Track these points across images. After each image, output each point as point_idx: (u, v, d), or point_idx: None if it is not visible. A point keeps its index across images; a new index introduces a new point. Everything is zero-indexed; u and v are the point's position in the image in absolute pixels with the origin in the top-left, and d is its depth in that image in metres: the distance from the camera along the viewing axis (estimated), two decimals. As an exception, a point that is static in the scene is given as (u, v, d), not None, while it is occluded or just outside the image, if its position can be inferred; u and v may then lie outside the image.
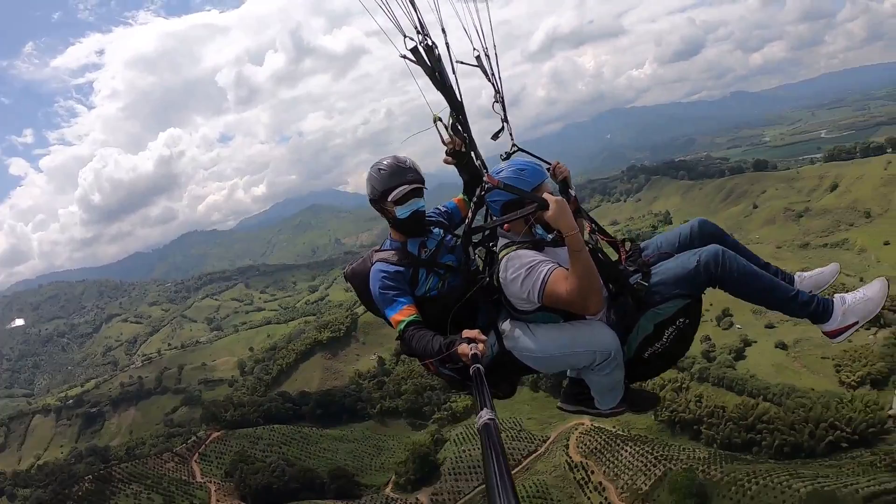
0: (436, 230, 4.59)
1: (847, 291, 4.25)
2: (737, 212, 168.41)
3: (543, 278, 3.78)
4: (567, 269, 3.74)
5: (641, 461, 67.84)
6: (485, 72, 4.67)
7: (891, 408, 72.10)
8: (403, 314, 4.04)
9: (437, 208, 4.89)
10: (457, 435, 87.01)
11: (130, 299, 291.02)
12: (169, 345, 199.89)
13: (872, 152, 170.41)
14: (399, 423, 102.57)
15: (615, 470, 68.26)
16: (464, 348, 3.39)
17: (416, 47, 3.94)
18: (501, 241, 4.19)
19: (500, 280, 4.03)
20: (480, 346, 3.37)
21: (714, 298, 4.68)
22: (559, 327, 4.04)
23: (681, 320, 4.07)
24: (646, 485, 64.13)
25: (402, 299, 4.12)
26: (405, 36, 3.86)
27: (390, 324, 4.14)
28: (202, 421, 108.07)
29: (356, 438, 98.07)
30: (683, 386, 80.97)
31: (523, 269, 3.86)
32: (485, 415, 2.03)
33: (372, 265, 4.34)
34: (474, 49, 4.53)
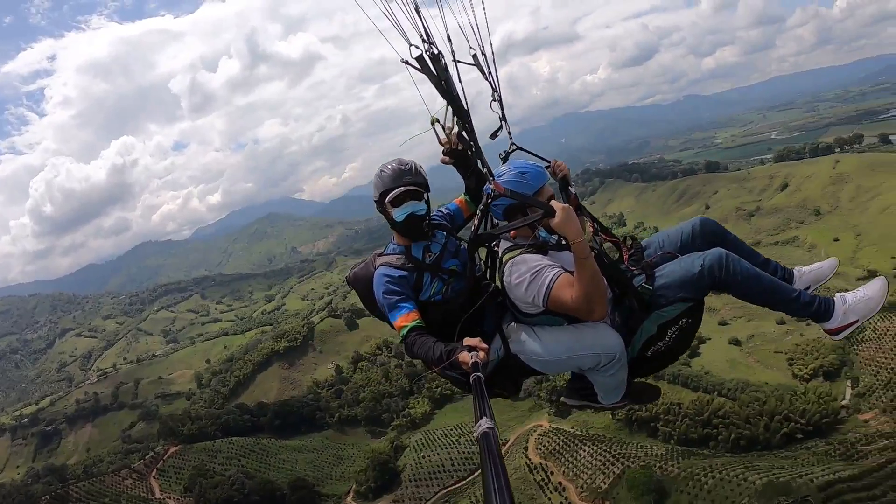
0: (439, 233, 4.54)
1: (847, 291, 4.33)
2: (690, 212, 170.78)
3: (549, 284, 3.84)
4: (572, 275, 3.80)
5: (600, 460, 68.07)
6: (482, 70, 4.59)
7: (844, 398, 73.80)
8: (406, 319, 4.05)
9: (440, 210, 4.84)
10: (416, 441, 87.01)
11: (84, 313, 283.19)
12: (124, 359, 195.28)
13: (821, 152, 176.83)
14: (358, 432, 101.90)
15: (574, 470, 68.31)
16: (464, 356, 3.40)
17: (421, 55, 3.89)
18: (505, 244, 4.25)
19: (505, 283, 4.11)
20: (481, 353, 3.36)
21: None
22: (564, 330, 4.09)
23: (684, 321, 4.15)
24: (605, 483, 64.35)
25: (405, 304, 4.13)
26: (410, 44, 3.85)
27: (394, 328, 4.13)
28: (159, 436, 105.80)
29: (315, 448, 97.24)
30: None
31: (528, 274, 3.92)
32: (484, 423, 2.06)
33: (375, 269, 4.35)
34: (471, 48, 4.46)
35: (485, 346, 3.45)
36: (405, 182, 4.19)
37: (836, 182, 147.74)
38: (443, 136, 4.35)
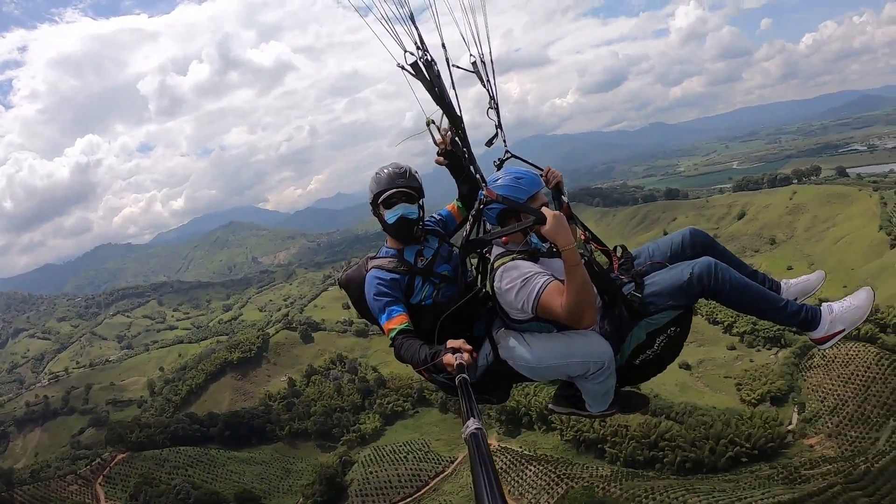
0: (432, 238, 4.59)
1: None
2: (648, 238, 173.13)
3: (538, 291, 3.82)
4: (562, 282, 3.78)
5: (545, 480, 68.03)
6: (480, 78, 4.72)
7: (790, 423, 75.02)
8: (395, 322, 4.09)
9: (433, 216, 4.86)
10: (365, 457, 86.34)
11: (39, 314, 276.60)
12: (77, 363, 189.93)
13: (779, 183, 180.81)
14: (308, 445, 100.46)
15: (520, 489, 68.21)
16: (448, 358, 3.48)
17: (416, 62, 4.06)
18: (497, 250, 4.20)
19: (495, 289, 4.06)
20: (465, 355, 3.44)
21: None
22: (554, 337, 4.06)
23: (672, 329, 4.14)
24: (548, 503, 64.23)
25: (395, 307, 4.17)
26: (405, 51, 4.00)
27: (383, 331, 4.18)
28: (107, 442, 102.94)
29: (264, 461, 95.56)
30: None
31: (518, 281, 3.90)
32: (472, 424, 2.09)
33: (367, 272, 4.39)
34: (471, 55, 4.61)
35: (468, 347, 3.54)
36: (398, 185, 4.27)
37: (793, 212, 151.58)
38: (438, 137, 4.45)
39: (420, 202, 4.40)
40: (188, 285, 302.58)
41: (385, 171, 4.34)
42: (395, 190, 4.26)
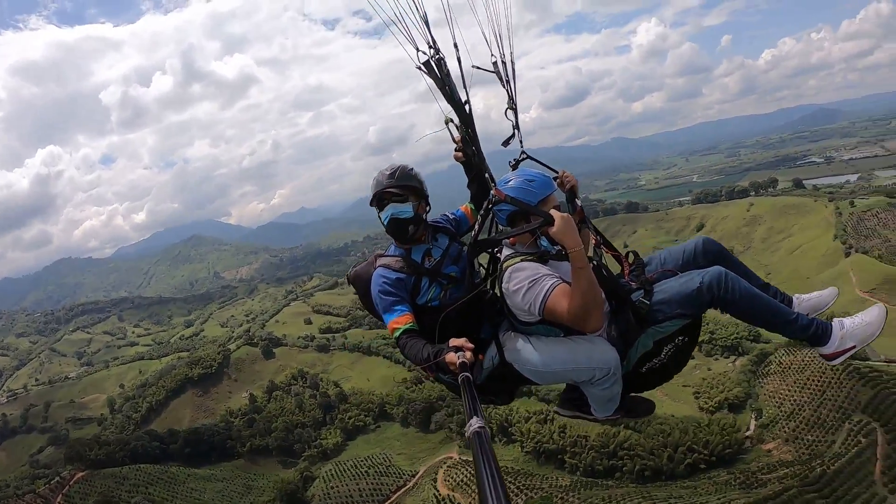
0: (441, 238, 4.61)
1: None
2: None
3: (545, 293, 3.82)
4: (570, 285, 3.77)
5: (505, 491, 67.84)
6: (500, 78, 4.75)
7: (748, 429, 76.06)
8: (400, 322, 4.10)
9: (445, 215, 4.93)
10: (326, 472, 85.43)
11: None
12: (36, 380, 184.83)
13: (737, 195, 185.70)
14: (269, 462, 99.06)
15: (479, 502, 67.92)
16: (451, 357, 3.48)
17: (428, 61, 4.12)
18: (506, 251, 4.21)
19: (503, 290, 4.09)
20: (468, 354, 3.43)
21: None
22: (560, 342, 4.06)
23: (680, 338, 4.12)
24: (508, 515, 64.15)
25: (400, 307, 4.17)
26: (418, 49, 4.05)
27: (388, 329, 4.20)
28: (67, 460, 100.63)
29: (225, 478, 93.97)
30: (548, 417, 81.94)
31: (526, 282, 3.90)
32: (475, 423, 2.07)
33: (375, 269, 4.39)
34: (492, 55, 4.64)
35: (471, 346, 3.53)
36: (384, 186, 4.30)
37: (750, 223, 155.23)
38: (456, 135, 4.55)
39: (418, 201, 4.41)
40: (149, 300, 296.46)
41: (378, 173, 4.39)
42: (381, 191, 4.30)
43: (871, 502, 56.93)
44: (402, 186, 4.32)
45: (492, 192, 4.22)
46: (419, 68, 4.14)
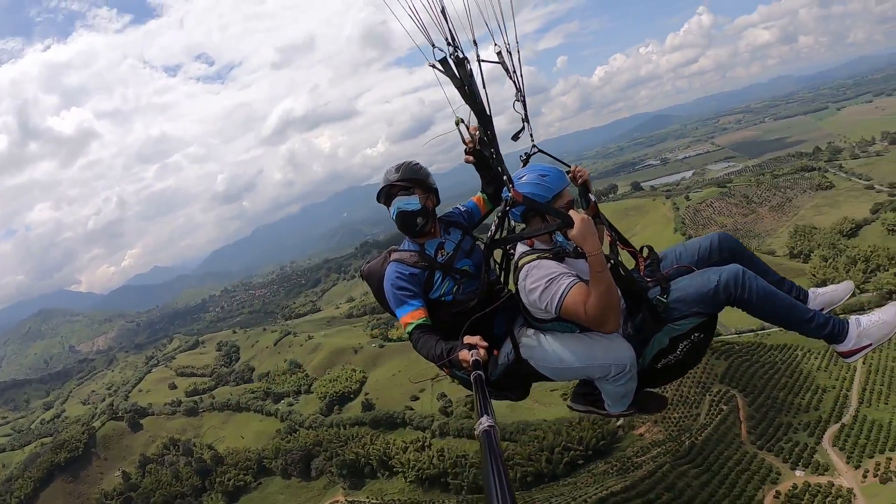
0: (454, 232, 4.57)
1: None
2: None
3: (563, 293, 3.77)
4: (587, 284, 3.74)
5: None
6: (506, 69, 4.61)
7: (618, 420, 79.15)
8: (412, 317, 4.08)
9: (458, 208, 4.90)
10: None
11: None
12: None
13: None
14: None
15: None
16: (464, 354, 3.48)
17: (444, 58, 3.90)
18: (521, 248, 4.16)
19: (519, 287, 4.02)
20: (481, 351, 3.44)
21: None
22: (576, 339, 4.03)
23: (696, 335, 4.09)
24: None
25: (412, 301, 4.14)
26: (434, 46, 3.86)
27: (400, 324, 4.15)
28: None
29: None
30: (426, 444, 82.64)
31: (543, 280, 3.85)
32: (485, 421, 2.07)
33: (388, 264, 4.34)
34: (495, 44, 4.48)
35: (484, 343, 3.53)
36: (389, 180, 4.31)
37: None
38: (466, 136, 4.45)
39: (426, 194, 4.38)
40: (2, 385, 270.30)
41: (385, 171, 4.40)
42: (387, 185, 4.31)
43: (743, 461, 61.67)
44: (407, 179, 4.33)
45: (510, 194, 4.12)
46: (433, 66, 3.98)
